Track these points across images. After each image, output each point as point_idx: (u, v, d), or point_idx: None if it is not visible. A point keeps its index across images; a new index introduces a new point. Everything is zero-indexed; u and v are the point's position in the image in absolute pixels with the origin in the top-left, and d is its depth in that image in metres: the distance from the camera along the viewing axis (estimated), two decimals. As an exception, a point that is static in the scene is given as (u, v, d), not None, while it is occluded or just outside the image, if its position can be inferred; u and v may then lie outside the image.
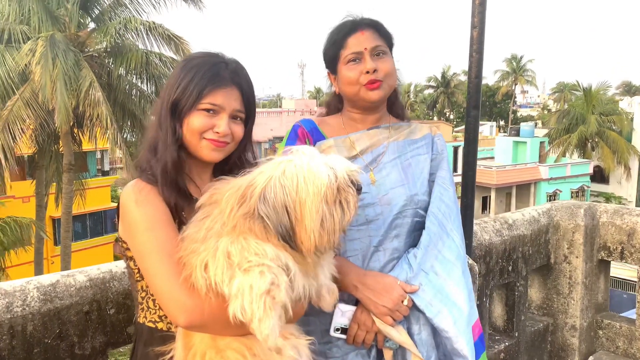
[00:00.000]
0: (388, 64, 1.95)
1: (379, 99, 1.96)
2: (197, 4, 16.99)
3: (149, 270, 1.48)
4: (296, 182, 1.39)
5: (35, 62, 14.00)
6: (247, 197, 1.41)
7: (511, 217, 3.27)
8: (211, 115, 1.59)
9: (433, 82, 65.69)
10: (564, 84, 61.10)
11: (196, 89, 1.58)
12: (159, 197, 1.54)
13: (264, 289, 1.31)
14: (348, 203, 1.43)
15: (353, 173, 1.47)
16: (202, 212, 1.50)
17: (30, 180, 20.49)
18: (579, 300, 3.45)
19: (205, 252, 1.39)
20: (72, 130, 16.87)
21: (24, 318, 1.82)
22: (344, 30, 1.95)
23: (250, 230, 1.39)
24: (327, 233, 1.40)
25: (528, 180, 34.76)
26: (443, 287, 1.83)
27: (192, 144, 1.61)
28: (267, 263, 1.34)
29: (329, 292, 1.62)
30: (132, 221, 1.52)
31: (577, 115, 39.18)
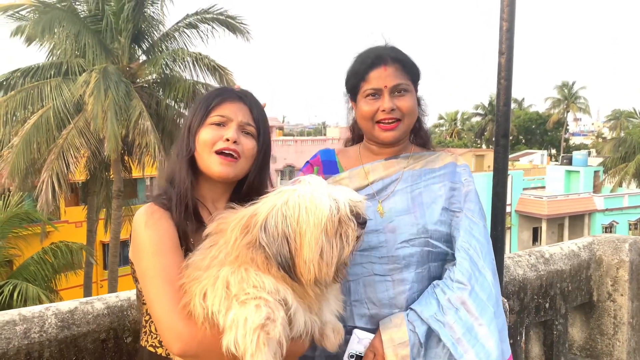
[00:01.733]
0: (408, 102, 1.91)
1: (393, 140, 1.95)
2: (245, 35, 17.48)
3: (150, 294, 1.49)
4: (297, 212, 1.39)
5: (88, 93, 14.67)
6: (251, 227, 1.41)
7: (548, 251, 3.11)
8: (220, 127, 1.64)
9: (480, 110, 64.77)
10: (619, 111, 59.00)
11: (204, 106, 1.67)
12: (170, 222, 1.55)
13: (258, 323, 1.29)
14: (347, 237, 1.41)
15: (357, 205, 1.45)
16: (209, 240, 1.51)
17: (83, 206, 21.27)
18: (625, 341, 3.23)
19: (206, 280, 1.39)
20: (122, 158, 17.50)
21: (41, 344, 1.84)
22: (367, 62, 1.93)
23: (252, 261, 1.39)
24: (326, 265, 1.38)
25: (581, 211, 33.45)
26: (473, 327, 1.75)
27: (203, 159, 1.63)
28: (264, 296, 1.32)
29: (334, 331, 1.57)
30: (139, 244, 1.54)
31: (635, 143, 37.61)
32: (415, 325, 1.79)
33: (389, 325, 1.80)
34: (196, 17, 17.23)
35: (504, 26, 2.40)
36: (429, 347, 1.80)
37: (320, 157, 2.08)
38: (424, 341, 1.79)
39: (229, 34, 17.36)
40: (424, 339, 1.78)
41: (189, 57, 16.64)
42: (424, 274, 1.88)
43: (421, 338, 1.78)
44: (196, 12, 17.19)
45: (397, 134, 1.93)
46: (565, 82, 59.40)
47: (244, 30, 17.35)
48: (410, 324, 1.79)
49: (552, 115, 59.83)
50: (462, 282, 1.78)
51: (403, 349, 1.76)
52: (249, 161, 1.68)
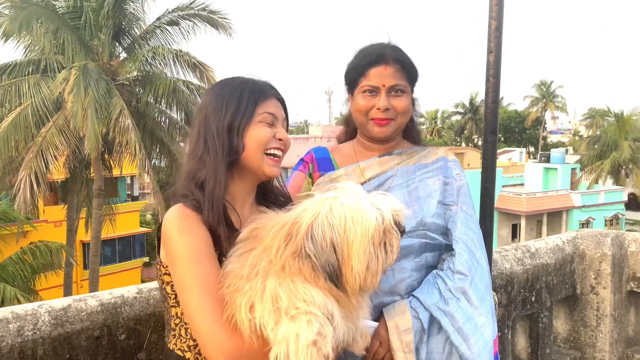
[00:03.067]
0: (403, 102, 1.96)
1: (385, 136, 1.99)
2: (227, 30, 17.37)
3: (189, 304, 1.44)
4: (344, 222, 1.37)
5: (68, 90, 14.47)
6: (294, 235, 1.38)
7: (534, 245, 3.17)
8: (270, 126, 1.61)
9: (460, 109, 65.40)
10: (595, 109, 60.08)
11: (251, 103, 1.59)
12: (203, 226, 1.49)
13: (311, 340, 1.28)
14: (392, 246, 1.42)
15: (398, 214, 1.46)
16: (242, 246, 1.47)
17: (62, 205, 20.97)
18: (607, 333, 3.31)
19: (252, 292, 1.36)
20: (103, 156, 17.29)
21: (34, 342, 1.82)
22: (369, 59, 1.96)
23: (299, 272, 1.36)
24: (371, 275, 1.38)
25: (559, 207, 34.01)
26: (473, 316, 1.81)
27: (255, 159, 1.59)
28: (314, 311, 1.31)
29: (362, 336, 1.58)
30: (174, 250, 1.48)
31: (609, 141, 38.39)
32: (418, 312, 1.84)
33: (392, 312, 1.84)
34: (177, 14, 17.08)
35: (492, 24, 2.44)
36: (431, 334, 1.85)
37: (314, 155, 2.11)
38: (427, 328, 1.83)
39: (211, 29, 17.25)
40: (427, 326, 1.83)
41: (169, 53, 16.49)
42: (422, 263, 1.94)
43: (424, 324, 1.83)
44: (177, 8, 17.03)
45: (388, 131, 1.98)
46: (544, 81, 60.27)
47: (226, 25, 17.25)
48: (414, 311, 1.84)
49: (530, 114, 60.66)
50: (463, 273, 1.84)
51: (407, 335, 1.80)
52: None
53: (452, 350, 1.84)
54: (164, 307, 1.68)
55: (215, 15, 17.17)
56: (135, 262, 28.95)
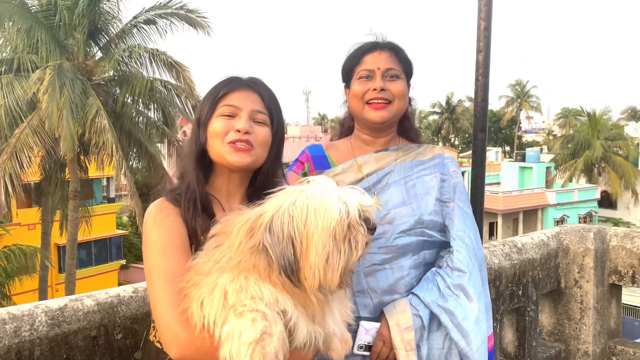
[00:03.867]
0: (399, 86, 1.97)
1: (382, 120, 1.97)
2: (205, 29, 17.23)
3: (153, 294, 1.48)
4: (305, 214, 1.33)
5: (42, 90, 14.20)
6: (256, 229, 1.35)
7: (520, 241, 3.24)
8: (230, 118, 1.59)
9: (437, 108, 66.03)
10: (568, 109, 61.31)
11: (212, 97, 1.62)
12: (179, 219, 1.52)
13: (252, 338, 1.25)
14: (357, 242, 1.36)
15: (368, 209, 1.40)
16: (214, 241, 1.45)
17: (37, 208, 20.56)
18: (591, 325, 3.40)
19: (205, 288, 1.35)
20: (79, 158, 17.01)
21: (31, 343, 1.80)
22: (364, 48, 2.00)
23: (254, 267, 1.33)
24: (331, 270, 1.32)
25: (535, 205, 34.60)
26: (472, 312, 1.84)
27: (215, 149, 1.58)
28: (261, 309, 1.28)
29: (341, 342, 1.53)
30: (147, 240, 1.52)
31: (582, 140, 39.21)
32: (418, 309, 1.86)
33: (393, 311, 1.86)
34: (154, 12, 16.89)
35: (481, 25, 2.50)
36: (431, 331, 1.88)
37: (309, 153, 2.10)
38: (427, 325, 1.86)
39: (189, 28, 17.10)
40: (427, 323, 1.85)
41: (145, 53, 16.28)
42: (420, 261, 1.95)
43: (425, 321, 1.85)
44: (154, 7, 16.83)
45: (386, 114, 1.96)
46: (519, 81, 61.20)
47: (204, 24, 17.12)
48: (414, 308, 1.86)
49: (506, 114, 61.57)
50: (461, 270, 1.87)
51: (408, 333, 1.83)
52: (265, 149, 1.62)
53: (451, 346, 1.88)
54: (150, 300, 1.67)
55: (192, 14, 17.03)
56: (112, 265, 28.54)
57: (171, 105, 17.76)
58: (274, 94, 1.68)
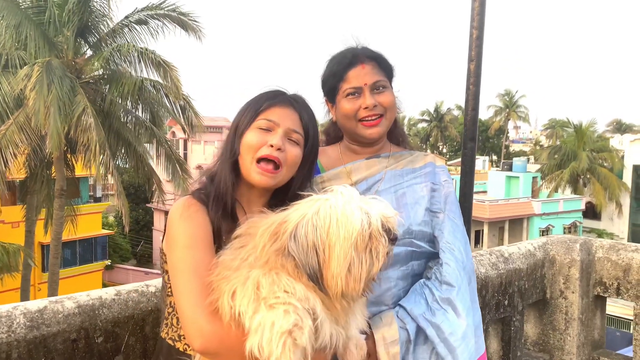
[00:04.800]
0: (388, 97, 1.95)
1: (378, 136, 1.97)
2: (197, 33, 17.15)
3: (178, 287, 1.48)
4: (328, 224, 1.37)
5: (30, 87, 14.04)
6: (280, 234, 1.39)
7: (507, 251, 3.24)
8: (266, 132, 1.62)
9: (426, 116, 66.39)
10: (555, 120, 61.93)
11: (254, 108, 1.65)
12: (206, 217, 1.56)
13: (286, 328, 1.27)
14: (378, 253, 1.39)
15: (389, 220, 1.43)
16: (238, 241, 1.49)
17: (21, 206, 20.31)
18: (575, 336, 3.41)
19: (236, 280, 1.38)
20: (65, 156, 16.83)
21: (8, 345, 1.76)
22: (345, 62, 1.95)
23: (282, 267, 1.37)
24: (353, 280, 1.36)
25: (521, 215, 34.87)
26: (459, 327, 1.81)
27: (244, 165, 1.62)
28: (293, 302, 1.31)
29: (357, 347, 1.56)
30: (173, 235, 1.54)
31: (569, 151, 39.64)
32: (405, 322, 1.83)
33: (379, 324, 1.83)
34: (147, 13, 16.79)
35: (473, 34, 2.50)
36: (417, 344, 1.85)
37: None
38: (414, 338, 1.83)
39: (181, 31, 17.01)
40: (413, 336, 1.83)
41: (134, 51, 16.15)
42: (408, 272, 1.92)
43: (411, 335, 1.82)
44: (147, 7, 16.74)
45: (381, 130, 1.95)
46: (508, 91, 61.66)
47: (196, 28, 17.04)
48: (401, 321, 1.83)
49: (494, 123, 62.03)
50: (450, 284, 1.83)
51: (394, 347, 1.80)
52: (291, 169, 1.66)
53: None
54: (161, 296, 1.72)
55: (185, 17, 16.95)
56: (97, 265, 28.29)
57: (160, 105, 17.65)
58: (313, 115, 1.73)
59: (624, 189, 37.88)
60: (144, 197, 31.37)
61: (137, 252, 37.50)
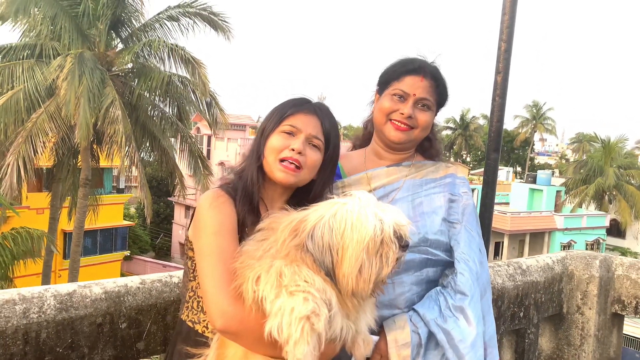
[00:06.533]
0: (427, 117, 2.00)
1: (399, 141, 2.00)
2: (226, 33, 17.33)
3: (204, 270, 1.58)
4: (343, 227, 1.46)
5: (62, 77, 14.35)
6: (299, 231, 1.50)
7: (525, 263, 3.24)
8: (289, 137, 1.74)
9: (451, 124, 65.85)
10: (582, 134, 60.91)
11: (279, 113, 1.77)
12: (232, 208, 1.67)
13: (304, 314, 1.36)
14: (387, 258, 1.47)
15: (402, 228, 1.52)
16: (261, 234, 1.60)
17: (46, 193, 20.74)
18: (590, 353, 3.39)
19: (260, 267, 1.47)
20: (92, 146, 17.14)
21: (39, 325, 1.84)
22: (409, 67, 2.00)
23: (302, 260, 1.47)
24: (363, 281, 1.45)
25: (542, 228, 34.36)
26: (470, 335, 1.84)
27: (268, 163, 1.74)
28: (312, 292, 1.40)
29: (364, 342, 1.64)
30: (201, 221, 1.64)
31: (595, 166, 38.95)
32: (418, 327, 1.87)
33: (392, 327, 1.87)
34: (178, 10, 17.03)
35: (502, 47, 2.52)
36: (428, 349, 1.88)
37: None
38: (425, 342, 1.87)
39: (210, 30, 17.21)
40: (424, 341, 1.86)
41: (164, 47, 16.42)
42: (422, 277, 1.96)
43: (423, 340, 1.86)
44: (179, 5, 16.99)
45: (403, 137, 1.99)
46: (536, 102, 60.84)
47: (225, 28, 17.22)
48: (413, 325, 1.87)
49: (520, 134, 61.29)
50: (464, 293, 1.87)
51: (405, 350, 1.84)
52: (312, 172, 1.77)
53: None
54: (183, 281, 1.83)
55: (216, 17, 17.15)
56: (116, 255, 28.70)
57: (186, 100, 17.88)
58: (335, 122, 1.83)
59: (650, 207, 37.07)
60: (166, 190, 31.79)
61: (156, 245, 37.96)
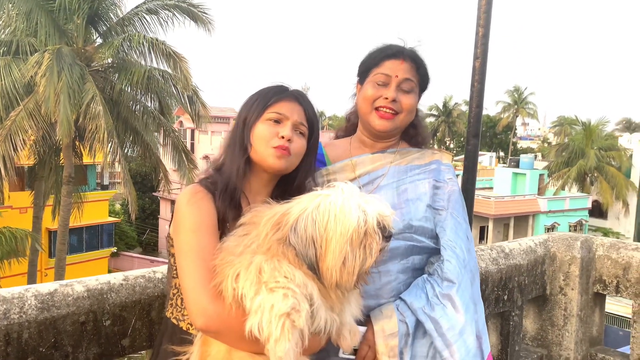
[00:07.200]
0: (410, 100, 1.97)
1: (385, 130, 1.98)
2: (207, 25, 17.15)
3: (183, 268, 1.57)
4: (326, 219, 1.45)
5: (40, 74, 14.13)
6: (282, 225, 1.48)
7: (508, 246, 3.28)
8: (276, 124, 1.71)
9: (434, 111, 66.08)
10: (564, 117, 61.51)
11: (262, 101, 1.73)
12: (212, 204, 1.64)
13: (284, 311, 1.35)
14: (371, 249, 1.47)
15: (385, 218, 1.51)
16: (242, 229, 1.57)
17: (29, 191, 20.48)
18: (573, 332, 3.45)
19: (240, 264, 1.45)
20: (74, 143, 16.93)
21: (20, 325, 1.82)
22: (387, 52, 1.99)
23: (283, 255, 1.46)
24: (347, 273, 1.45)
25: (526, 212, 34.75)
26: (457, 323, 1.83)
27: (258, 152, 1.70)
28: (292, 287, 1.39)
29: (350, 333, 1.63)
30: (180, 218, 1.62)
31: (577, 149, 39.42)
32: (405, 316, 1.86)
33: (379, 317, 1.86)
34: (157, 2, 16.81)
35: (480, 32, 2.52)
36: (416, 338, 1.88)
37: None
38: (413, 332, 1.86)
39: (191, 22, 17.01)
40: (412, 330, 1.85)
41: (145, 41, 16.20)
42: (408, 265, 1.95)
43: (410, 329, 1.85)
44: (157, -3, 16.77)
45: (390, 125, 1.97)
46: (517, 87, 61.16)
47: (205, 20, 17.03)
48: (401, 314, 1.86)
49: (502, 119, 61.70)
50: (451, 280, 1.86)
51: (392, 340, 1.83)
52: (298, 158, 1.75)
53: (435, 355, 1.88)
54: (167, 278, 1.82)
55: (195, 9, 16.94)
56: (103, 252, 28.48)
57: (168, 95, 17.72)
58: (315, 110, 1.81)
59: (631, 188, 37.67)
60: (151, 185, 31.52)
61: (142, 240, 37.74)
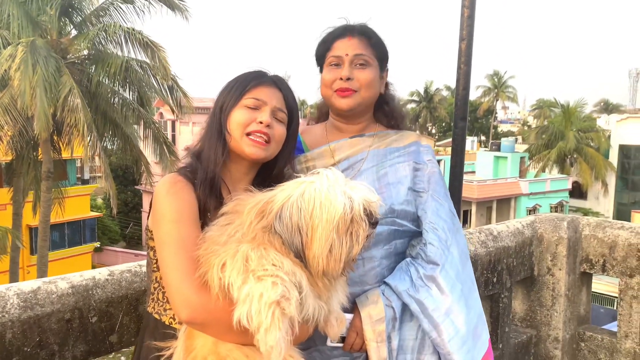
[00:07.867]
0: (367, 74, 1.92)
1: (348, 108, 1.94)
2: (184, 13, 16.90)
3: (165, 260, 1.51)
4: (312, 207, 1.42)
5: (14, 68, 13.81)
6: (266, 213, 1.44)
7: (496, 229, 3.29)
8: (253, 110, 1.66)
9: (416, 97, 66.25)
10: (543, 100, 62.14)
11: (240, 86, 1.67)
12: (192, 194, 1.58)
13: (274, 299, 1.31)
14: (358, 236, 1.44)
15: (371, 205, 1.48)
16: (225, 218, 1.53)
17: (7, 188, 20.11)
18: (561, 312, 3.48)
19: (225, 253, 1.41)
20: (52, 138, 16.64)
21: (2, 325, 1.76)
22: (335, 33, 1.97)
23: (270, 243, 1.42)
24: (334, 260, 1.42)
25: (508, 194, 35.17)
26: (444, 304, 1.82)
27: (234, 140, 1.65)
28: (281, 275, 1.35)
29: (337, 320, 1.62)
30: (159, 210, 1.56)
31: (556, 131, 39.93)
32: (391, 300, 1.84)
33: (365, 302, 1.84)
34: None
35: (465, 13, 2.50)
36: (403, 321, 1.87)
37: None
38: (400, 315, 1.85)
39: (167, 11, 16.74)
40: (399, 314, 1.85)
41: (120, 31, 15.90)
42: (391, 250, 1.93)
43: (397, 313, 1.84)
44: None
45: (351, 103, 1.92)
46: (497, 71, 61.61)
47: (182, 7, 16.78)
48: (387, 299, 1.85)
49: (482, 103, 62.13)
50: (435, 262, 1.85)
51: (380, 325, 1.82)
52: (279, 146, 1.71)
53: (424, 337, 1.87)
54: (147, 272, 1.75)
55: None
56: (86, 247, 28.19)
57: (147, 86, 17.46)
58: (294, 96, 1.76)
59: (610, 168, 38.36)
60: (132, 179, 31.21)
61: (126, 234, 37.40)
